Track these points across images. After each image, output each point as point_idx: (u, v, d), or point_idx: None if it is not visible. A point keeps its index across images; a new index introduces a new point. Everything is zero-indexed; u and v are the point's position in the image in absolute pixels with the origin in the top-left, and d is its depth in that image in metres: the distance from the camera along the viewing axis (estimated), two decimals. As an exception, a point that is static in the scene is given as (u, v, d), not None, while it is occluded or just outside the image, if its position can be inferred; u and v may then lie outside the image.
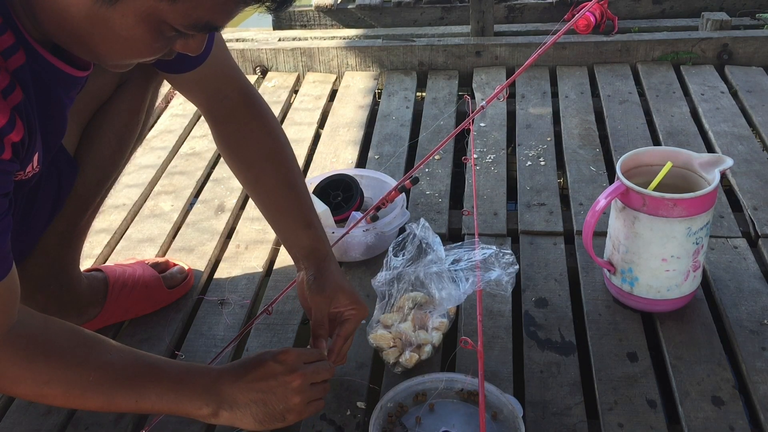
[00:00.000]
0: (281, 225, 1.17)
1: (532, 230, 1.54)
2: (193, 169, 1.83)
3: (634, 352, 1.22)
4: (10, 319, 0.83)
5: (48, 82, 0.83)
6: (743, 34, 2.28)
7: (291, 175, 1.15)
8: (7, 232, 0.80)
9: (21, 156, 0.79)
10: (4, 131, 0.73)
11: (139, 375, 0.90)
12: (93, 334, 0.92)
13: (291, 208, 1.14)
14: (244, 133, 1.14)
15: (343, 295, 1.10)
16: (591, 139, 1.88)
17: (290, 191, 1.15)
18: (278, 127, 1.18)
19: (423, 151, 1.84)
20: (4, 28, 0.74)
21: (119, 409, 0.92)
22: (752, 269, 1.40)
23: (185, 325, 1.34)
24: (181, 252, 1.52)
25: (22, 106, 0.76)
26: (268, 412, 0.94)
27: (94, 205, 1.20)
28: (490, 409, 1.07)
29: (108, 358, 0.89)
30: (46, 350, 0.86)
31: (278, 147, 1.16)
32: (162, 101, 2.14)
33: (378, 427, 1.05)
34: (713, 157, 1.24)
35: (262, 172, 1.15)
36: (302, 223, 1.14)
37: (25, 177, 0.85)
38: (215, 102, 1.14)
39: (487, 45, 2.30)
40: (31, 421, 1.15)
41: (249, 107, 1.15)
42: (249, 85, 1.16)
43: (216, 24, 0.74)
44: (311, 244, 1.13)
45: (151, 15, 0.71)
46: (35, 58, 0.79)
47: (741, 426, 1.09)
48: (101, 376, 0.88)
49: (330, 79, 2.31)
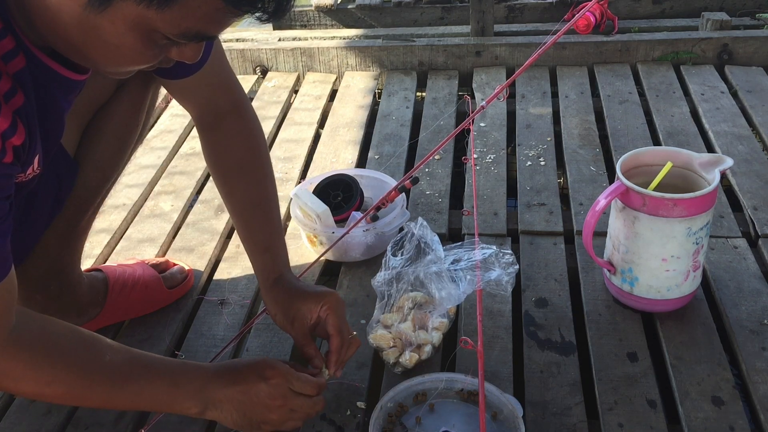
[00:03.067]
0: (243, 241, 1.19)
1: (532, 230, 1.54)
2: (193, 168, 1.83)
3: (634, 352, 1.22)
4: (8, 321, 0.84)
5: (47, 85, 0.83)
6: (743, 34, 2.28)
7: (261, 193, 1.16)
8: (7, 234, 0.80)
9: (22, 159, 0.79)
10: (5, 135, 0.73)
11: (134, 376, 0.92)
12: (91, 334, 0.93)
13: (253, 230, 1.16)
14: (225, 144, 1.16)
15: (306, 304, 1.09)
16: (591, 139, 1.88)
17: (256, 210, 1.16)
18: (261, 142, 1.18)
19: (423, 151, 1.84)
20: (4, 33, 0.74)
21: (117, 407, 0.99)
22: (752, 269, 1.40)
23: (185, 325, 1.34)
24: (181, 252, 1.52)
25: (23, 109, 0.76)
26: (247, 421, 0.98)
27: (94, 206, 1.20)
28: (490, 409, 1.07)
29: (106, 358, 0.91)
30: (49, 352, 0.87)
31: (255, 162, 1.16)
32: (162, 101, 2.14)
33: (378, 427, 1.05)
34: (713, 157, 1.24)
35: (235, 186, 1.16)
36: (260, 246, 1.15)
37: (26, 179, 0.86)
38: (206, 110, 1.15)
39: (487, 45, 2.30)
40: (31, 421, 1.15)
41: (236, 119, 1.15)
42: (242, 97, 1.16)
43: (207, 33, 0.74)
44: (264, 268, 1.15)
45: (140, 23, 0.70)
46: (34, 62, 0.79)
47: (741, 426, 1.09)
48: (100, 376, 0.90)
49: (330, 79, 2.31)
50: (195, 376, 0.96)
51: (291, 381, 0.99)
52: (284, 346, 1.27)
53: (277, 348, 1.27)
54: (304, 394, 1.00)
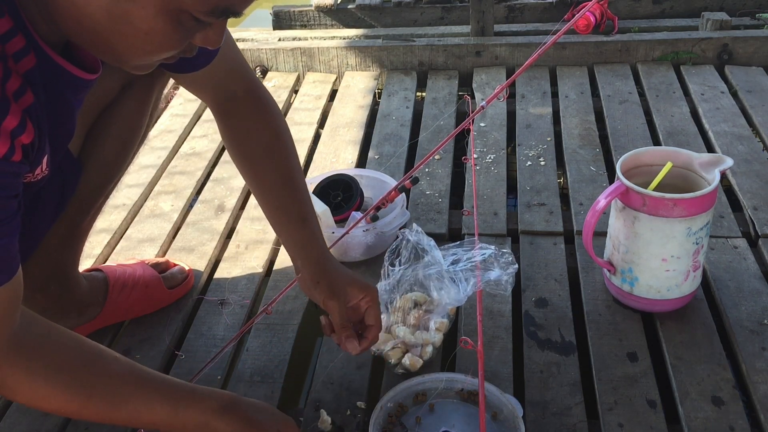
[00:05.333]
0: (277, 221, 1.17)
1: (532, 230, 1.54)
2: (193, 169, 1.83)
3: (634, 352, 1.22)
4: (12, 322, 0.82)
5: (57, 84, 0.83)
6: (743, 34, 2.28)
7: (289, 172, 1.15)
8: (15, 234, 0.80)
9: (31, 158, 0.79)
10: (15, 133, 0.73)
11: (133, 399, 0.89)
12: (95, 348, 0.90)
13: (287, 205, 1.14)
14: (247, 128, 1.14)
15: (351, 288, 1.10)
16: (591, 139, 1.88)
17: (287, 187, 1.14)
18: (282, 122, 1.17)
19: (423, 151, 1.84)
20: (15, 31, 0.74)
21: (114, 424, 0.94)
22: (752, 269, 1.40)
23: (185, 325, 1.34)
24: (181, 252, 1.52)
25: (33, 108, 0.76)
26: None
27: (96, 206, 1.20)
28: (490, 409, 1.07)
29: (106, 379, 0.88)
30: (46, 366, 0.85)
31: (279, 143, 1.15)
32: (162, 101, 2.14)
33: (378, 427, 1.05)
34: (713, 157, 1.24)
35: (262, 167, 1.14)
36: (297, 219, 1.14)
37: (34, 179, 0.85)
38: (222, 98, 1.14)
39: (487, 45, 2.30)
40: (31, 421, 1.15)
41: (254, 103, 1.15)
42: (256, 81, 1.16)
43: (235, 9, 0.74)
44: (305, 241, 1.13)
45: (169, 4, 0.70)
46: (45, 60, 0.79)
47: (741, 426, 1.09)
48: (98, 396, 0.87)
49: (330, 79, 2.31)
50: (198, 410, 0.91)
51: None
52: (284, 346, 1.27)
53: (277, 348, 1.27)
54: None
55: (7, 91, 0.72)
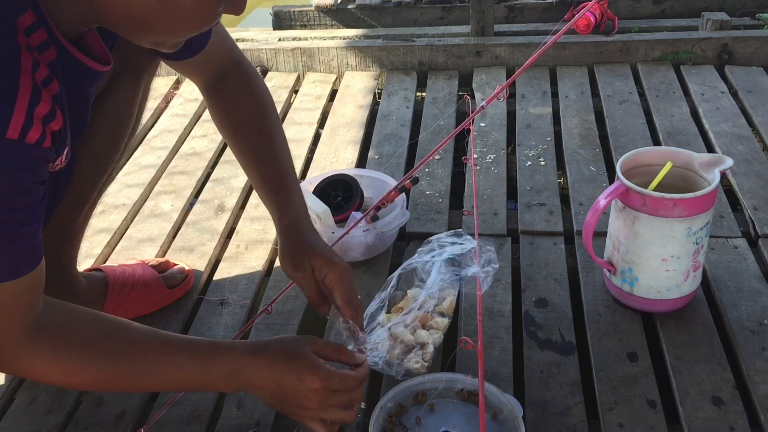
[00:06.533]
0: (258, 190, 1.18)
1: (532, 230, 1.54)
2: (193, 169, 1.83)
3: (634, 352, 1.22)
4: (35, 309, 0.84)
5: (75, 77, 0.85)
6: (743, 34, 2.28)
7: (269, 141, 1.17)
8: (41, 222, 0.81)
9: (56, 145, 0.81)
10: (46, 119, 0.75)
11: (160, 362, 0.90)
12: (115, 320, 0.92)
13: (265, 173, 1.16)
14: (232, 101, 1.18)
15: (315, 261, 1.07)
16: (591, 139, 1.88)
17: (267, 156, 1.16)
18: (267, 96, 1.21)
19: (423, 151, 1.84)
20: (38, 25, 0.76)
21: (145, 390, 1.03)
22: (752, 269, 1.40)
23: (185, 325, 1.34)
24: (181, 252, 1.52)
25: (58, 97, 0.79)
26: (281, 407, 0.96)
27: (90, 201, 1.20)
28: (490, 409, 1.07)
29: (131, 347, 0.90)
30: (70, 343, 0.86)
31: (261, 113, 1.19)
32: (162, 101, 2.14)
33: (378, 427, 1.05)
34: (713, 157, 1.25)
35: (245, 137, 1.17)
36: (272, 187, 1.15)
37: (53, 170, 0.86)
38: (213, 77, 1.18)
39: (487, 45, 2.30)
40: (31, 421, 1.15)
41: (239, 77, 1.18)
42: (241, 57, 1.20)
43: None
44: (279, 211, 1.13)
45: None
46: (64, 53, 0.81)
47: (741, 426, 1.09)
48: (125, 365, 0.89)
49: (330, 79, 2.31)
50: (226, 361, 0.92)
51: (332, 382, 0.93)
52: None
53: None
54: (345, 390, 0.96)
55: (37, 79, 0.74)
